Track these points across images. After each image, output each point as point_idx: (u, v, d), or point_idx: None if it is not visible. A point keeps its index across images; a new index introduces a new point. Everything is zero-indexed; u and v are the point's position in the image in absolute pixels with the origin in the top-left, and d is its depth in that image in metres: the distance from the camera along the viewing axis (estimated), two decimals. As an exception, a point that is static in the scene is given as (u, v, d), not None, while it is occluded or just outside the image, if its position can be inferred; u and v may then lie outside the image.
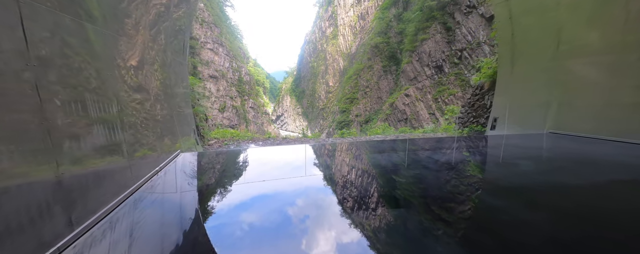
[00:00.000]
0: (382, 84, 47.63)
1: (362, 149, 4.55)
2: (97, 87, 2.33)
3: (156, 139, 3.32)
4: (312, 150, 4.62)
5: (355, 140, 6.26)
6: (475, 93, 7.56)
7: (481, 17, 27.16)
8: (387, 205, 2.49)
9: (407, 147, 4.57)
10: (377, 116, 42.09)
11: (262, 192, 2.73)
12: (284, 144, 5.68)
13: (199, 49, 54.09)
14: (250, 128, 61.14)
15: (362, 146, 4.70)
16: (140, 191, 2.68)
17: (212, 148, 5.37)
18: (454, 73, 30.53)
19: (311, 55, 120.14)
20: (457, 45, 30.25)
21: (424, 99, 32.80)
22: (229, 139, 6.86)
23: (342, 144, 4.91)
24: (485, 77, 7.04)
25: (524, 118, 5.27)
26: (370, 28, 68.40)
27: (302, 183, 3.00)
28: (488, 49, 26.33)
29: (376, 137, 6.69)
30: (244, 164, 3.93)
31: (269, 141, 6.77)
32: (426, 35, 32.96)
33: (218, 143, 6.33)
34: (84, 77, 2.18)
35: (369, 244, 1.84)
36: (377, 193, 2.69)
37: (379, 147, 4.80)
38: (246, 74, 69.21)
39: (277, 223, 2.16)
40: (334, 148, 4.67)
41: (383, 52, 49.48)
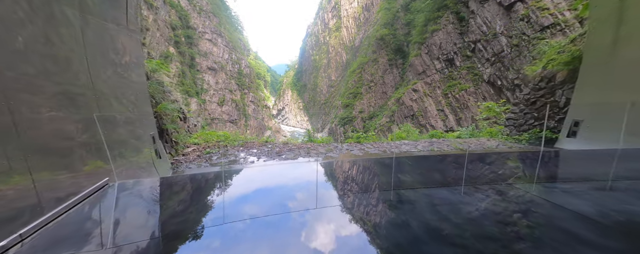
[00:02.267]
0: (388, 79, 45.66)
1: (405, 173, 2.95)
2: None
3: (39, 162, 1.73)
4: (324, 171, 3.05)
5: (381, 150, 4.68)
6: (539, 87, 5.89)
7: (499, 5, 25.00)
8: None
9: (475, 170, 2.95)
10: (382, 112, 40.43)
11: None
12: (286, 160, 4.12)
13: (197, 39, 52.00)
14: (250, 123, 59.67)
15: (403, 168, 3.09)
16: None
17: (183, 164, 3.80)
18: (466, 67, 28.60)
19: (313, 48, 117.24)
20: (470, 37, 28.19)
21: (432, 94, 31.02)
22: (213, 146, 5.31)
23: (368, 164, 3.30)
24: (557, 66, 5.29)
25: (635, 124, 3.62)
26: (375, 20, 65.68)
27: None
28: (505, 40, 24.33)
29: (404, 144, 5.14)
30: (225, 197, 2.37)
31: (265, 148, 5.22)
32: (437, 26, 30.85)
33: (197, 151, 4.78)
34: None
35: None
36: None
37: (427, 167, 3.23)
38: (246, 67, 67.22)
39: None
40: (359, 169, 3.09)
41: (389, 44, 47.23)
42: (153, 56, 37.65)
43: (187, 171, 3.75)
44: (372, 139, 6.11)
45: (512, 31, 23.84)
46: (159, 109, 3.80)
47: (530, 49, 22.09)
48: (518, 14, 23.29)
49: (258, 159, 4.49)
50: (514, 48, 23.53)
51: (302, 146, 5.60)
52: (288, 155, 4.82)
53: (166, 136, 4.13)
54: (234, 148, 5.42)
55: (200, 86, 48.41)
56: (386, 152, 4.65)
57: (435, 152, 4.51)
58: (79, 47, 2.03)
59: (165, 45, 41.07)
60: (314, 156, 4.69)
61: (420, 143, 5.40)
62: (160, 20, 40.74)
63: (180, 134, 4.64)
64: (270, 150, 5.21)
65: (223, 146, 5.44)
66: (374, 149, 4.90)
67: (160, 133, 3.95)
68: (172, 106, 4.24)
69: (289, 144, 5.84)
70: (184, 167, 3.92)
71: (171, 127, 4.26)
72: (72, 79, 2.02)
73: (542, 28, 21.11)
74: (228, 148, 5.36)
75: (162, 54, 39.76)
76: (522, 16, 22.82)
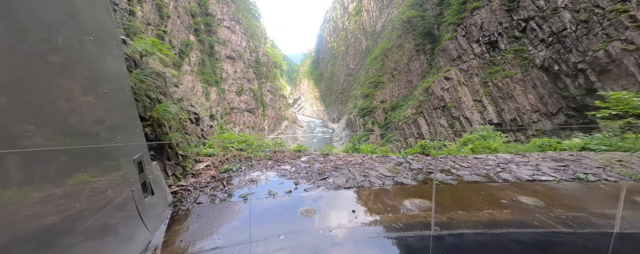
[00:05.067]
0: (414, 66, 41.96)
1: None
2: None
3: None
4: (408, 213, 1.57)
5: (480, 172, 3.04)
6: None
7: (564, -27, 20.56)
8: None
9: None
10: (406, 103, 37.58)
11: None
12: (336, 189, 2.71)
13: (216, 26, 51.31)
14: (268, 112, 59.46)
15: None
16: None
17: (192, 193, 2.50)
18: (512, 50, 24.74)
19: (331, 34, 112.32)
20: (521, 14, 24.02)
21: (469, 82, 27.65)
22: (232, 157, 4.01)
23: (483, 200, 1.73)
24: None
25: None
26: (399, 1, 60.06)
27: None
28: (569, 16, 20.19)
29: (509, 162, 3.40)
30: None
31: (300, 162, 3.82)
32: (479, 3, 26.78)
33: (212, 169, 3.50)
34: None
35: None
36: None
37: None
38: (264, 55, 66.09)
39: None
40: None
41: (416, 28, 42.91)
42: (174, 45, 37.64)
43: (195, 210, 2.46)
44: (445, 151, 4.45)
45: (579, 4, 19.63)
46: (156, 113, 2.44)
47: (604, 25, 18.04)
48: (591, -17, 18.95)
49: (296, 187, 3.08)
50: (582, 25, 19.46)
51: (350, 160, 4.10)
52: (335, 177, 3.37)
53: (168, 151, 2.83)
54: (259, 161, 4.08)
55: (220, 74, 48.35)
56: (492, 178, 3.02)
57: (587, 185, 2.75)
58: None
59: (185, 33, 40.85)
60: (376, 180, 3.19)
61: (536, 160, 3.61)
62: (180, 7, 40.27)
63: (190, 145, 3.34)
64: (308, 167, 3.78)
65: (245, 159, 4.12)
66: (467, 172, 3.27)
67: (158, 149, 2.65)
68: (176, 107, 2.88)
69: (330, 156, 4.38)
70: (192, 201, 2.64)
71: (177, 137, 2.94)
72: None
73: (625, -2, 16.93)
74: (252, 161, 4.03)
75: (183, 42, 39.63)
76: (597, -15, 18.52)
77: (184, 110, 3.59)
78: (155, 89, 2.78)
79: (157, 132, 2.68)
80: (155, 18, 33.40)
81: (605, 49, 17.63)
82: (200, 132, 4.43)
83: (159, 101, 2.81)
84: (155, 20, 33.37)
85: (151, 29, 32.07)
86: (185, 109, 3.66)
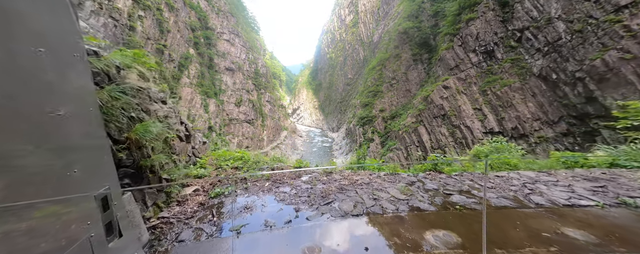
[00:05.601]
0: (412, 75, 42.35)
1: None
2: None
3: None
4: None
5: (507, 194, 2.65)
6: None
7: (555, -15, 21.17)
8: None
9: None
10: (405, 111, 37.50)
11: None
12: (344, 217, 2.33)
13: (216, 40, 52.20)
14: (267, 123, 59.17)
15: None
16: None
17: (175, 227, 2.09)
18: (509, 59, 24.97)
19: (329, 45, 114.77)
20: (516, 24, 24.48)
21: (467, 91, 27.66)
22: (226, 179, 3.60)
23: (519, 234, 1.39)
24: None
25: None
26: (395, 13, 61.85)
27: None
28: (564, 26, 20.53)
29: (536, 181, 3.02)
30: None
31: (301, 183, 3.42)
32: (474, 14, 27.39)
33: (201, 193, 3.09)
34: None
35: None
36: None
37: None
38: (263, 67, 66.88)
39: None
40: None
41: (413, 38, 43.78)
42: (174, 58, 37.97)
43: (175, 251, 2.03)
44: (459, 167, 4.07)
45: (573, 15, 20.02)
46: (134, 134, 2.07)
47: (599, 35, 18.27)
48: (582, -6, 19.45)
49: (297, 214, 2.66)
50: (576, 34, 19.73)
51: (356, 179, 3.70)
52: (341, 201, 2.96)
53: (150, 177, 2.44)
54: (255, 183, 3.67)
55: (219, 86, 48.52)
56: (522, 202, 2.61)
57: (638, 211, 2.33)
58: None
59: (185, 46, 41.37)
60: (388, 205, 2.78)
61: (564, 178, 3.21)
62: (180, 22, 41.07)
63: (177, 166, 2.95)
64: (310, 189, 3.37)
65: (240, 180, 3.71)
66: (492, 193, 2.86)
67: (136, 175, 2.26)
68: (161, 125, 2.51)
69: (333, 174, 3.98)
70: (173, 238, 2.22)
71: (161, 159, 2.55)
72: None
73: (617, 8, 17.27)
74: (248, 183, 3.62)
75: (183, 55, 40.04)
76: (588, -4, 18.99)
77: (172, 128, 3.23)
78: (135, 106, 2.44)
79: (135, 156, 2.31)
80: (156, 33, 33.90)
81: (602, 58, 17.72)
82: (191, 151, 4.04)
83: (140, 119, 2.45)
84: (155, 35, 33.84)
85: (151, 43, 32.43)
86: (173, 127, 3.30)
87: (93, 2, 23.82)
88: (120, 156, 2.08)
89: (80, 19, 25.68)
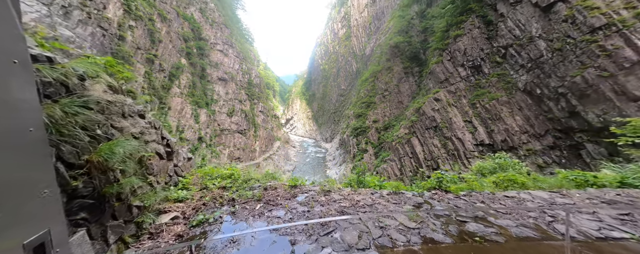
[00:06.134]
0: (403, 87, 43.36)
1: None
2: None
3: None
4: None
5: (529, 222, 2.39)
6: None
7: (534, 6, 22.66)
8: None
9: None
10: (398, 123, 37.91)
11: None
12: (343, 251, 1.94)
13: (209, 50, 52.15)
14: (260, 133, 58.21)
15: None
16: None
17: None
18: (496, 74, 26.00)
19: (322, 57, 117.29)
20: (500, 42, 25.77)
21: (457, 104, 28.35)
22: (211, 201, 3.18)
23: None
24: None
25: None
26: (386, 28, 64.47)
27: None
28: (544, 44, 21.72)
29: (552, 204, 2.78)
30: None
31: (297, 205, 3.05)
32: (460, 31, 28.73)
33: (180, 223, 2.65)
34: None
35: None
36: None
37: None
38: (256, 77, 66.96)
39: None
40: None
41: (404, 52, 45.34)
42: (164, 68, 37.35)
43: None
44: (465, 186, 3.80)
45: (552, 34, 21.28)
46: (97, 156, 1.69)
47: (577, 53, 19.38)
48: (559, 15, 20.82)
49: (293, 248, 2.28)
50: (556, 52, 20.86)
51: (358, 200, 3.36)
52: (343, 229, 2.60)
53: (116, 206, 2.01)
54: (245, 205, 3.26)
55: (211, 96, 47.80)
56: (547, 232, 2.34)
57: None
58: None
59: (177, 56, 40.95)
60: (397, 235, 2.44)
61: (582, 201, 2.98)
62: (173, 32, 40.91)
63: (153, 190, 2.53)
64: (307, 213, 3.00)
65: (228, 201, 3.29)
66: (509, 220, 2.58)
67: (96, 207, 1.85)
68: (135, 143, 2.14)
69: (332, 193, 3.62)
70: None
71: (133, 183, 2.14)
72: None
73: (592, 29, 18.48)
74: (236, 206, 3.20)
75: (174, 65, 39.49)
76: (565, 17, 20.33)
77: (150, 145, 2.84)
78: (103, 122, 2.06)
79: (97, 183, 1.90)
80: (146, 42, 33.47)
81: (581, 75, 18.68)
82: (173, 169, 3.60)
83: (108, 138, 2.07)
84: (146, 45, 33.38)
85: (141, 53, 31.87)
86: (151, 143, 2.90)
87: (81, 12, 23.33)
88: (74, 185, 1.67)
89: (67, 28, 24.77)
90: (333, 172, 48.30)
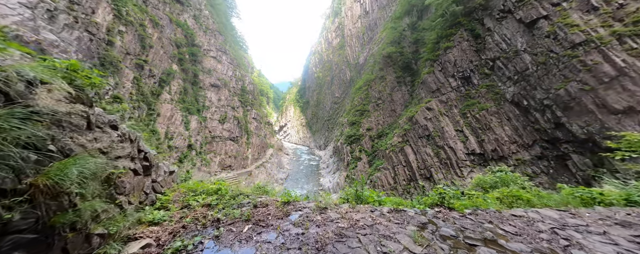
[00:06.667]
0: (396, 96, 44.06)
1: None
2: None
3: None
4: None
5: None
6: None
7: (519, 22, 23.82)
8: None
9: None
10: (392, 131, 38.14)
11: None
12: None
13: (202, 56, 51.68)
14: (253, 141, 57.20)
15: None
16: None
17: None
18: (485, 85, 26.82)
19: (316, 65, 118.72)
20: (488, 55, 26.77)
21: (449, 113, 28.89)
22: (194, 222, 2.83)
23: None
24: None
25: None
26: (379, 38, 66.30)
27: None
28: (529, 58, 22.67)
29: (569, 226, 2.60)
30: None
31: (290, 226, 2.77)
32: (450, 43, 29.73)
33: (154, 249, 2.28)
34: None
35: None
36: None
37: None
38: (250, 84, 66.58)
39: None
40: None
41: (396, 62, 46.45)
42: (154, 73, 36.52)
43: None
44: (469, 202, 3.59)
45: (536, 48, 22.29)
46: (45, 179, 1.35)
47: (560, 67, 20.28)
48: (542, 31, 21.92)
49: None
50: (541, 66, 21.78)
51: (357, 219, 3.07)
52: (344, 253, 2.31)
53: (68, 237, 1.66)
54: (231, 227, 2.90)
55: (202, 103, 46.88)
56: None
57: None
58: None
59: (168, 62, 40.25)
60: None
61: (593, 221, 2.79)
62: (165, 38, 40.39)
63: (123, 212, 2.17)
64: (301, 236, 2.68)
65: (212, 222, 2.93)
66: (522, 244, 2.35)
67: (38, 242, 1.49)
68: (102, 160, 1.83)
69: (328, 211, 3.32)
70: None
71: (95, 207, 1.80)
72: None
73: (573, 45, 19.47)
74: (221, 228, 2.84)
75: (165, 71, 38.72)
76: (547, 33, 21.40)
77: (121, 161, 2.49)
78: (59, 136, 1.74)
79: (43, 211, 1.55)
80: (136, 48, 32.79)
81: (565, 88, 19.47)
82: (151, 185, 3.22)
83: (64, 154, 1.74)
84: (136, 50, 32.68)
85: (130, 58, 31.11)
86: (124, 158, 2.55)
87: (68, 16, 22.67)
88: (7, 218, 1.33)
89: (52, 31, 23.91)
90: (327, 180, 47.61)
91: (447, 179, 25.34)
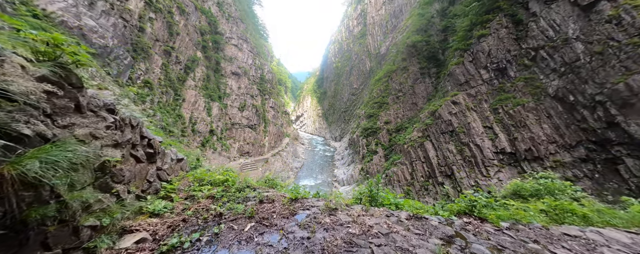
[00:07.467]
0: (418, 89, 41.60)
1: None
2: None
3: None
4: None
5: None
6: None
7: (573, 5, 20.58)
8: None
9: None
10: (411, 125, 36.43)
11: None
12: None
13: (224, 44, 52.66)
14: (270, 129, 58.44)
15: None
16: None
17: None
18: (523, 78, 24.08)
19: (336, 55, 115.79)
20: (530, 43, 23.76)
21: (478, 108, 26.62)
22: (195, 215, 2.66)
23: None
24: None
25: None
26: (404, 26, 62.13)
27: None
28: (582, 47, 19.68)
29: None
30: None
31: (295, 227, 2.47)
32: (485, 31, 26.82)
33: (149, 245, 2.13)
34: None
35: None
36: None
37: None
38: (269, 72, 67.09)
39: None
40: None
41: (421, 52, 43.41)
42: (181, 60, 38.02)
43: None
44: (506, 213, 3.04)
45: (592, 36, 19.22)
46: (12, 168, 1.14)
47: (621, 58, 17.34)
48: (602, 15, 18.74)
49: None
50: (596, 56, 18.84)
51: (370, 225, 2.71)
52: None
53: (49, 231, 1.49)
54: (233, 224, 2.70)
55: (223, 90, 48.36)
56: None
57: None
58: None
59: (193, 49, 41.58)
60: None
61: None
62: (190, 25, 41.51)
63: (121, 202, 2.03)
64: (307, 241, 2.39)
65: (214, 217, 2.74)
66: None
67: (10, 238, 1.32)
68: (92, 147, 1.61)
69: (339, 212, 3.00)
70: None
71: (83, 197, 1.63)
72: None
73: (642, 31, 16.43)
74: (222, 225, 2.65)
75: (190, 58, 40.14)
76: (609, 17, 18.26)
77: (119, 147, 2.32)
78: (39, 119, 1.55)
79: (15, 203, 1.38)
80: (165, 35, 34.10)
81: (625, 81, 16.72)
82: (155, 173, 3.10)
83: (44, 139, 1.55)
84: (164, 37, 34.02)
85: (159, 45, 32.50)
86: (124, 145, 2.39)
87: (105, 2, 23.95)
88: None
89: (91, 18, 25.43)
90: (341, 172, 47.57)
91: (470, 178, 23.81)
